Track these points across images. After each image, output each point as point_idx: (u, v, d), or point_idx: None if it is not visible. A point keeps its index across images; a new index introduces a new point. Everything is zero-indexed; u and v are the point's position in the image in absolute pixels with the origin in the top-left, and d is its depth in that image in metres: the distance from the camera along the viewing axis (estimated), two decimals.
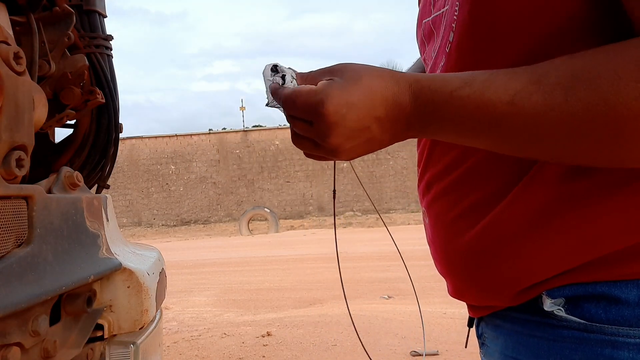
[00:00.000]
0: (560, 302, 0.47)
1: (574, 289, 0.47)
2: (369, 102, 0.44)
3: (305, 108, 0.45)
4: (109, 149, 0.86)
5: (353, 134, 0.45)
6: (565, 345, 0.47)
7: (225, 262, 7.70)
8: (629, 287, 0.44)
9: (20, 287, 0.52)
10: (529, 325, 0.50)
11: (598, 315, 0.45)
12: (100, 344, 0.76)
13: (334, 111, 0.43)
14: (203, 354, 3.20)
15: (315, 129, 0.45)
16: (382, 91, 0.44)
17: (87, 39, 0.83)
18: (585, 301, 0.46)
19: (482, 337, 0.60)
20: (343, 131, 0.44)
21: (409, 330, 3.42)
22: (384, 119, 0.45)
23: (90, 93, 0.78)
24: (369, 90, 0.44)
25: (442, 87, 0.43)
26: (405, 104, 0.44)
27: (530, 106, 0.39)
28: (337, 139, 0.45)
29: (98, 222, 0.73)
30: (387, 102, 0.44)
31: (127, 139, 17.00)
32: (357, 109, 0.44)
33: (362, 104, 0.44)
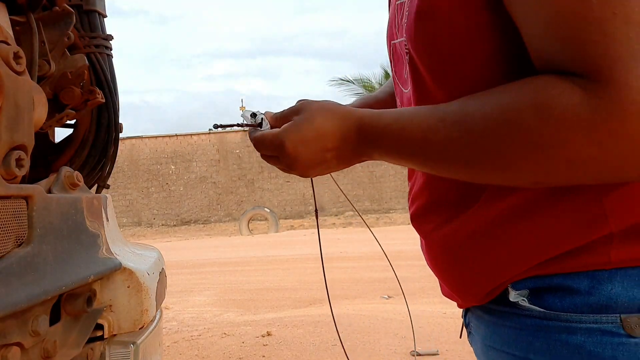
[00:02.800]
0: (524, 294, 0.52)
1: (535, 281, 0.52)
2: (320, 139, 0.56)
3: (271, 148, 0.59)
4: (109, 149, 0.86)
5: (311, 163, 0.58)
6: (528, 333, 0.52)
7: (225, 262, 7.70)
8: (580, 277, 0.49)
9: (20, 287, 0.52)
10: (502, 316, 0.55)
11: (555, 304, 0.50)
12: (100, 344, 0.76)
13: (293, 149, 0.57)
14: (203, 354, 3.20)
15: (282, 161, 0.59)
16: (331, 129, 0.56)
17: (87, 39, 0.83)
18: (545, 292, 0.51)
19: (469, 326, 0.66)
20: (302, 162, 0.58)
21: (409, 330, 3.42)
22: (334, 150, 0.57)
23: (90, 93, 0.78)
24: (320, 130, 0.56)
25: (378, 123, 0.54)
26: (351, 137, 0.56)
27: (437, 140, 0.48)
28: (300, 167, 0.59)
29: (98, 222, 0.73)
30: (335, 137, 0.56)
31: (127, 139, 17.00)
32: (310, 145, 0.57)
33: (314, 141, 0.56)
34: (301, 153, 0.57)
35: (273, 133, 0.59)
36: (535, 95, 0.42)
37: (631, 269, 0.48)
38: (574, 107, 0.40)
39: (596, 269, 0.49)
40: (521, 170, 0.44)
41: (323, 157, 0.57)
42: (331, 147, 0.56)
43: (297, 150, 0.57)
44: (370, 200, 16.55)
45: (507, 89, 0.45)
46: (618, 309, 0.48)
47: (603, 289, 0.48)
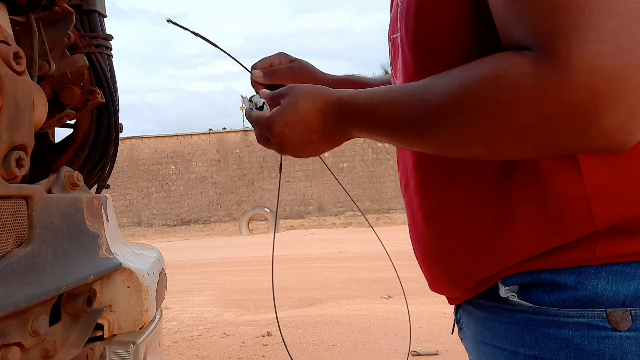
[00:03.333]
0: (514, 289, 0.54)
1: (524, 277, 0.53)
2: (304, 121, 0.61)
3: (262, 129, 0.65)
4: (109, 149, 0.86)
5: (299, 144, 0.63)
6: (518, 327, 0.53)
7: (225, 262, 7.70)
8: (567, 273, 0.51)
9: (20, 287, 0.52)
10: (492, 311, 0.57)
11: (543, 299, 0.52)
12: (100, 344, 0.75)
13: (279, 131, 0.62)
14: (203, 354, 3.20)
15: (273, 143, 0.64)
16: (313, 111, 0.60)
17: (87, 39, 0.83)
18: (534, 287, 0.53)
19: (460, 322, 0.67)
20: (289, 143, 0.63)
21: None
22: (319, 130, 0.61)
23: (90, 93, 0.78)
24: (303, 112, 0.61)
25: (354, 102, 0.58)
26: (331, 116, 0.59)
27: (405, 115, 0.51)
28: (288, 148, 0.63)
29: (98, 222, 0.73)
30: (318, 119, 0.60)
31: (127, 139, 16.99)
32: (295, 127, 0.61)
33: (299, 123, 0.61)
34: (288, 134, 0.62)
35: (264, 116, 0.64)
36: (489, 69, 0.44)
37: (616, 265, 0.49)
38: (522, 77, 0.41)
39: (582, 265, 0.50)
40: (475, 140, 0.46)
41: (309, 138, 0.62)
42: (315, 127, 0.61)
43: (284, 133, 0.62)
44: (370, 200, 16.55)
45: (468, 65, 0.47)
46: (604, 304, 0.49)
47: (589, 284, 0.50)
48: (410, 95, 0.51)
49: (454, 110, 0.46)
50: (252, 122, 0.67)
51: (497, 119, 0.43)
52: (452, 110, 0.46)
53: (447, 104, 0.46)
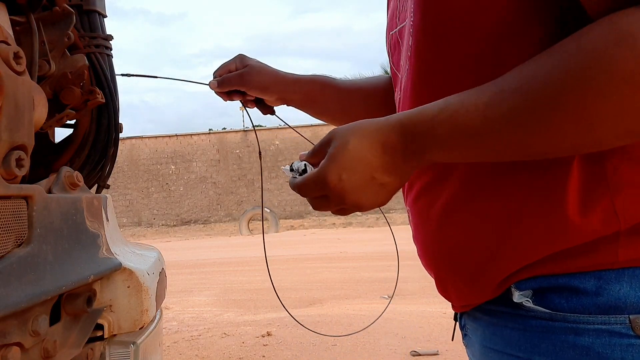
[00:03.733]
0: (528, 294, 0.51)
1: (539, 281, 0.51)
2: (362, 160, 0.51)
3: (316, 189, 0.54)
4: (109, 149, 0.86)
5: (362, 189, 0.52)
6: (534, 334, 0.50)
7: (225, 262, 7.70)
8: (586, 278, 0.48)
9: (20, 287, 0.52)
10: (503, 317, 0.54)
11: (561, 304, 0.49)
12: (100, 344, 0.75)
13: (335, 181, 0.52)
14: (203, 354, 3.20)
15: (332, 199, 0.54)
16: (369, 146, 0.51)
17: (87, 39, 0.83)
18: (550, 292, 0.50)
19: (465, 328, 0.64)
20: (352, 191, 0.52)
21: (409, 330, 3.42)
22: (382, 166, 0.51)
23: (90, 93, 0.78)
24: (358, 152, 0.51)
25: (421, 119, 0.49)
26: (395, 145, 0.51)
27: (501, 114, 0.44)
28: (351, 198, 0.53)
29: (98, 222, 0.73)
30: (377, 152, 0.51)
31: (127, 139, 17.00)
32: (352, 170, 0.52)
33: (355, 165, 0.52)
34: (347, 181, 0.52)
35: (313, 173, 0.54)
36: (610, 31, 0.39)
37: (638, 269, 0.47)
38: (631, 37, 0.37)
39: (603, 269, 0.48)
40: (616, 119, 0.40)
41: (372, 178, 0.52)
42: (377, 164, 0.51)
43: (341, 180, 0.52)
44: None
45: (567, 40, 0.42)
46: (626, 310, 0.47)
47: (611, 290, 0.47)
48: (499, 91, 0.44)
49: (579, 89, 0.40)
50: (300, 189, 0.56)
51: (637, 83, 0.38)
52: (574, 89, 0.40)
53: (565, 84, 0.40)
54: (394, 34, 0.68)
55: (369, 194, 0.53)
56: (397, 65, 0.67)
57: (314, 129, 16.91)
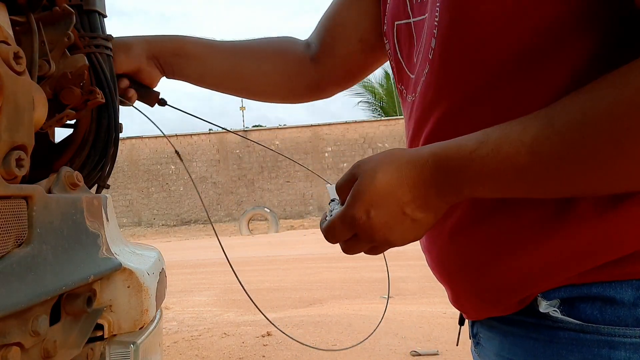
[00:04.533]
0: (555, 304, 0.48)
1: (568, 291, 0.47)
2: (391, 196, 0.48)
3: (344, 229, 0.51)
4: (109, 149, 0.86)
5: (393, 225, 0.49)
6: (561, 347, 0.47)
7: (225, 262, 7.68)
8: (623, 287, 0.45)
9: (20, 287, 0.52)
10: (525, 327, 0.51)
11: (594, 316, 0.46)
12: (100, 344, 0.75)
13: (365, 219, 0.48)
14: (203, 354, 3.20)
15: (361, 237, 0.51)
16: (399, 180, 0.47)
17: (87, 39, 0.83)
18: (581, 302, 0.47)
19: (477, 336, 0.60)
20: (382, 228, 0.49)
21: (409, 330, 3.42)
22: (413, 202, 0.48)
23: (90, 93, 0.78)
24: (387, 187, 0.48)
25: (458, 153, 0.45)
26: (426, 179, 0.47)
27: (549, 151, 0.40)
28: (381, 235, 0.49)
29: (98, 222, 0.73)
30: (408, 187, 0.47)
31: (127, 139, 17.00)
32: (380, 205, 0.48)
33: (384, 201, 0.48)
34: (375, 218, 0.48)
35: (339, 213, 0.51)
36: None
37: None
38: None
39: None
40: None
41: (402, 213, 0.48)
42: (407, 199, 0.47)
43: (370, 218, 0.48)
44: None
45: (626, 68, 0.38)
46: None
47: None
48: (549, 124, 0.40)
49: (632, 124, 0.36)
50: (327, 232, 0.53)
51: None
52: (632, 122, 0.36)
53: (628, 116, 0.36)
54: (402, 25, 0.63)
55: (400, 231, 0.49)
56: (408, 62, 0.63)
57: (314, 129, 16.91)
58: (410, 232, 0.50)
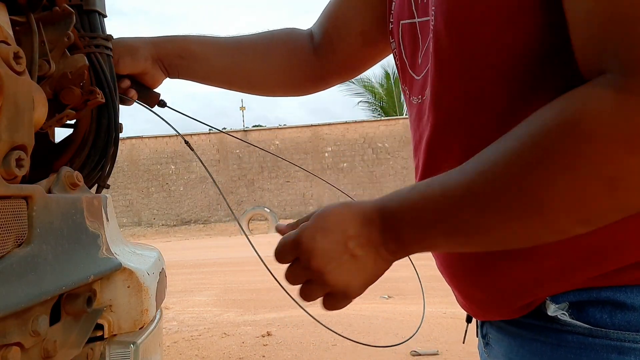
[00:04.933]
0: (564, 307, 0.47)
1: (577, 295, 0.47)
2: (338, 225, 0.49)
3: (289, 249, 0.52)
4: (109, 149, 0.86)
5: (332, 254, 0.49)
6: (569, 350, 0.46)
7: (225, 262, 7.69)
8: (634, 292, 0.44)
9: (20, 287, 0.52)
10: (533, 329, 0.50)
11: (603, 320, 0.45)
12: (100, 344, 0.75)
13: (309, 241, 0.49)
14: (203, 354, 3.20)
15: (300, 261, 0.51)
16: (350, 215, 0.49)
17: (87, 39, 0.83)
18: (590, 306, 0.46)
19: (487, 337, 0.60)
20: (321, 253, 0.49)
21: (409, 330, 3.42)
22: (357, 236, 0.48)
23: (90, 93, 0.78)
24: (338, 216, 0.49)
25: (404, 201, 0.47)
26: (374, 221, 0.48)
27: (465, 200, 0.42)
28: (318, 261, 0.49)
29: (98, 222, 0.73)
30: (356, 222, 0.49)
31: (127, 139, 16.99)
32: (328, 231, 0.49)
33: (332, 227, 0.49)
34: (319, 243, 0.49)
35: (290, 234, 0.52)
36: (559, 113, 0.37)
37: None
38: (605, 113, 0.34)
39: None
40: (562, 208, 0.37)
41: (345, 246, 0.48)
42: (353, 233, 0.48)
43: (315, 241, 0.49)
44: None
45: (532, 117, 0.39)
46: None
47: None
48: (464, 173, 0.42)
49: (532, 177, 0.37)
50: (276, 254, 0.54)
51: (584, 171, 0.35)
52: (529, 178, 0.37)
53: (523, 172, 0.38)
54: (407, 24, 0.62)
55: (338, 264, 0.49)
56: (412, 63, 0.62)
57: (314, 129, 16.91)
58: (348, 269, 0.49)
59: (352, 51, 0.85)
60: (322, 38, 0.88)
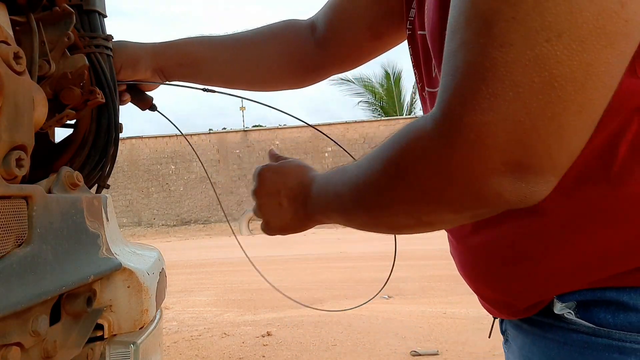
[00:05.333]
0: (571, 306, 0.48)
1: (584, 294, 0.47)
2: (286, 175, 0.64)
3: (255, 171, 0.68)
4: (109, 149, 0.86)
5: (267, 192, 0.65)
6: (574, 349, 0.47)
7: (225, 262, 7.70)
8: (637, 293, 0.44)
9: (20, 287, 0.52)
10: (543, 327, 0.51)
11: (606, 320, 0.45)
12: (100, 344, 0.75)
13: (266, 172, 0.66)
14: (203, 354, 3.20)
15: (253, 185, 0.68)
16: (299, 173, 0.63)
17: (87, 39, 0.83)
18: (595, 306, 0.46)
19: (506, 333, 0.61)
20: (262, 187, 0.66)
21: (409, 330, 3.42)
22: (288, 190, 0.63)
23: (90, 93, 0.78)
24: (292, 169, 0.64)
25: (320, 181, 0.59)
26: (305, 184, 0.61)
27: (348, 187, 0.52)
28: (257, 191, 0.66)
29: (98, 222, 0.73)
30: (297, 180, 0.63)
31: (127, 139, 16.99)
32: (277, 175, 0.65)
33: (282, 174, 0.64)
34: (266, 180, 0.65)
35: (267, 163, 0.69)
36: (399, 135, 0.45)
37: None
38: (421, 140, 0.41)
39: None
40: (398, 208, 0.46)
41: (278, 192, 0.64)
42: (289, 186, 0.63)
43: (265, 178, 0.65)
44: None
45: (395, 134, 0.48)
46: None
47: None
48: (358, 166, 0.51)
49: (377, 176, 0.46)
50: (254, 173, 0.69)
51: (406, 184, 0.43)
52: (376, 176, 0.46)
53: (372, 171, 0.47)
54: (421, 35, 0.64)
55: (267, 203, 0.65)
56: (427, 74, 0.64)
57: (314, 129, 16.90)
58: (272, 210, 0.65)
59: (357, 43, 0.85)
60: (327, 28, 0.87)
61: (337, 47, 0.87)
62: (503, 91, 0.34)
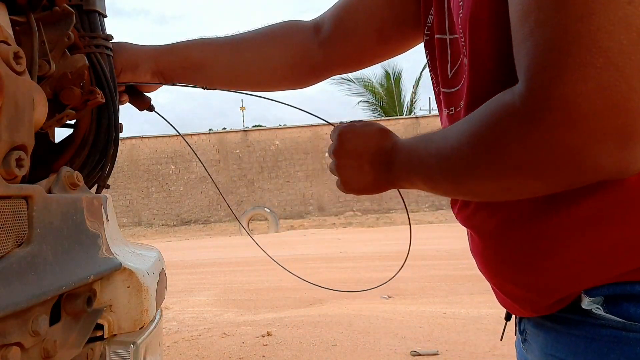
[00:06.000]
0: (599, 301, 0.47)
1: (612, 288, 0.47)
2: (370, 139, 0.64)
3: (333, 137, 0.68)
4: (109, 149, 0.86)
5: (349, 154, 0.65)
6: (603, 344, 0.47)
7: (225, 262, 7.70)
8: None
9: (20, 287, 0.52)
10: (568, 323, 0.51)
11: (637, 314, 0.45)
12: (100, 344, 0.75)
13: (346, 134, 0.66)
14: (203, 354, 3.20)
15: (332, 150, 0.67)
16: (382, 137, 0.63)
17: (87, 39, 0.83)
18: (625, 300, 0.46)
19: (524, 333, 0.61)
20: (342, 148, 0.66)
21: (409, 330, 3.42)
22: (371, 155, 0.63)
23: (90, 93, 0.78)
24: (375, 132, 0.64)
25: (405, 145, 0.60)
26: (388, 150, 0.62)
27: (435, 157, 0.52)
28: (338, 152, 0.66)
29: (98, 222, 0.73)
30: (379, 145, 0.63)
31: (127, 139, 16.99)
32: (360, 138, 0.64)
33: (365, 137, 0.64)
34: (347, 142, 0.64)
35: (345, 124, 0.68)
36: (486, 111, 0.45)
37: None
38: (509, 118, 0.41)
39: None
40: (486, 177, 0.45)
41: (360, 156, 0.63)
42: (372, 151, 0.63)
43: (346, 139, 0.65)
44: (370, 200, 16.55)
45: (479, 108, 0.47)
46: None
47: None
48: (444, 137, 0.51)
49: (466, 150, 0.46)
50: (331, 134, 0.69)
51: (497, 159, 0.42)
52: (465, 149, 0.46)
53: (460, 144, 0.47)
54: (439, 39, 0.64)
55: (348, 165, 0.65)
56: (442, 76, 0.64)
57: (314, 129, 16.91)
58: (352, 172, 0.65)
59: (363, 46, 0.85)
60: (333, 28, 0.86)
61: (342, 48, 0.86)
62: (592, 59, 0.35)
